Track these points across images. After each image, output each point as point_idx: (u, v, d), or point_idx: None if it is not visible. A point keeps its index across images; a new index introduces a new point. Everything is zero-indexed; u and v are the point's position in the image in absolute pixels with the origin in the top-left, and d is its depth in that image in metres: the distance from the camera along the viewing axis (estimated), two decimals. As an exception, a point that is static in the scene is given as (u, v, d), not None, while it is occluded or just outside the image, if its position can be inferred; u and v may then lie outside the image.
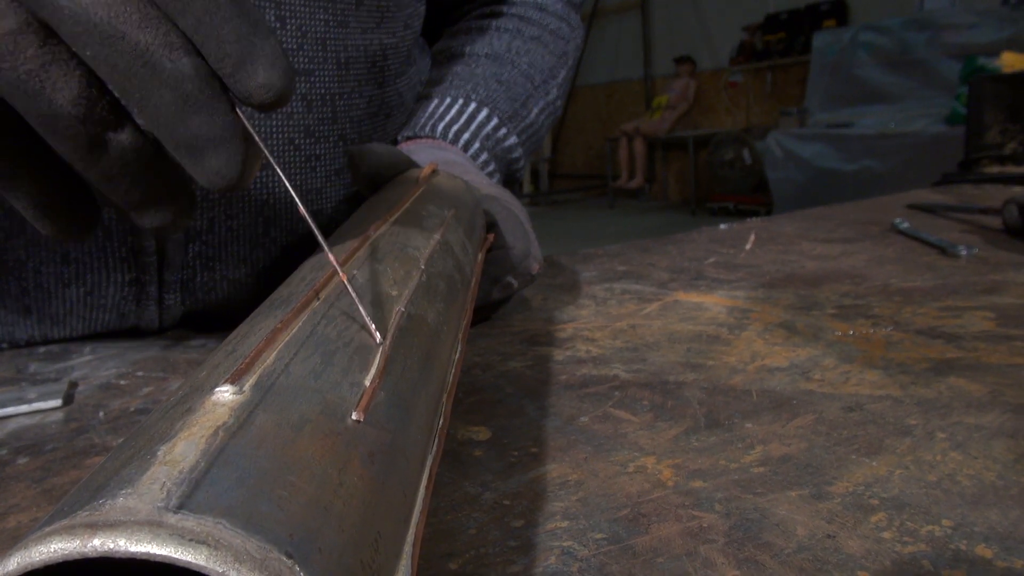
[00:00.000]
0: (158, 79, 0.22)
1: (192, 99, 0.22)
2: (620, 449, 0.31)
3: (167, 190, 0.26)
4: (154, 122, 0.23)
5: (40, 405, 0.39)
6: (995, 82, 1.14)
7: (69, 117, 0.22)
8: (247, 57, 0.23)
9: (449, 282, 0.29)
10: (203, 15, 0.22)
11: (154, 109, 0.22)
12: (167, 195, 0.26)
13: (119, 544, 0.12)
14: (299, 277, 0.24)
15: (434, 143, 0.56)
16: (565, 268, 0.64)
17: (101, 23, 0.21)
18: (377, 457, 0.16)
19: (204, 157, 0.23)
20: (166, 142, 0.23)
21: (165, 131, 0.23)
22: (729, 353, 0.41)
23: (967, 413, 0.32)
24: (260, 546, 0.12)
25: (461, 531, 0.26)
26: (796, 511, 0.25)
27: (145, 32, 0.22)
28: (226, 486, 0.13)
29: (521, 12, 0.65)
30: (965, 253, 0.60)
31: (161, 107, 0.22)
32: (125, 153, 0.24)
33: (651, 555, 0.23)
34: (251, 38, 0.23)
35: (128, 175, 0.24)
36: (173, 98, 0.22)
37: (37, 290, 0.49)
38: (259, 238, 0.53)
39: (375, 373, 0.19)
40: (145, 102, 0.22)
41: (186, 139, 0.23)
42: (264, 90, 0.23)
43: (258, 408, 0.15)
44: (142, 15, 0.22)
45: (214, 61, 0.23)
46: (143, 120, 0.23)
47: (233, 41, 0.22)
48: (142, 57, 0.22)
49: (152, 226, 0.26)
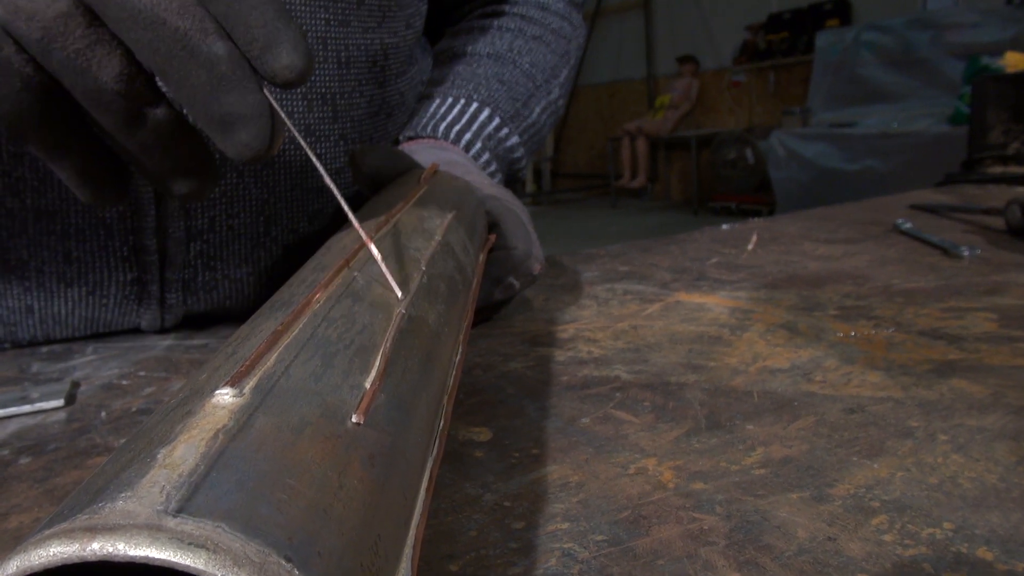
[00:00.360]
0: (195, 61, 0.24)
1: (225, 79, 0.24)
2: (621, 450, 0.31)
3: (195, 161, 0.28)
4: (190, 100, 0.25)
5: (42, 405, 0.39)
6: (998, 82, 1.14)
7: (112, 92, 0.25)
8: (272, 41, 0.25)
9: (450, 283, 0.29)
10: (232, 3, 0.24)
11: (191, 88, 0.24)
12: (195, 165, 0.28)
13: (118, 548, 0.12)
14: (300, 279, 0.24)
15: (436, 143, 0.56)
16: (567, 268, 0.64)
17: (145, 10, 0.23)
18: (377, 460, 0.16)
19: (235, 131, 0.25)
20: (199, 118, 0.25)
21: (200, 108, 0.25)
22: (731, 354, 0.41)
23: (969, 415, 0.32)
24: (259, 550, 0.12)
25: (462, 532, 0.26)
26: (797, 513, 0.25)
27: (183, 18, 0.24)
28: (225, 489, 0.13)
29: (523, 11, 0.65)
30: (968, 254, 0.60)
31: (198, 86, 0.24)
32: (159, 126, 0.27)
33: (652, 557, 0.23)
34: (275, 23, 0.25)
35: (161, 146, 0.27)
36: (208, 78, 0.24)
37: (39, 289, 0.49)
38: (260, 237, 0.53)
39: (375, 375, 0.19)
40: (183, 81, 0.24)
41: (219, 115, 0.25)
42: (288, 70, 0.25)
43: (258, 411, 0.15)
44: (181, 3, 0.24)
45: (243, 44, 0.25)
46: (179, 98, 0.25)
47: (260, 26, 0.24)
48: (181, 41, 0.24)
49: (180, 194, 0.29)
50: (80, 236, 0.48)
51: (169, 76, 0.24)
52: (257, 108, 0.25)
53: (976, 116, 1.12)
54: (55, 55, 0.24)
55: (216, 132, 0.25)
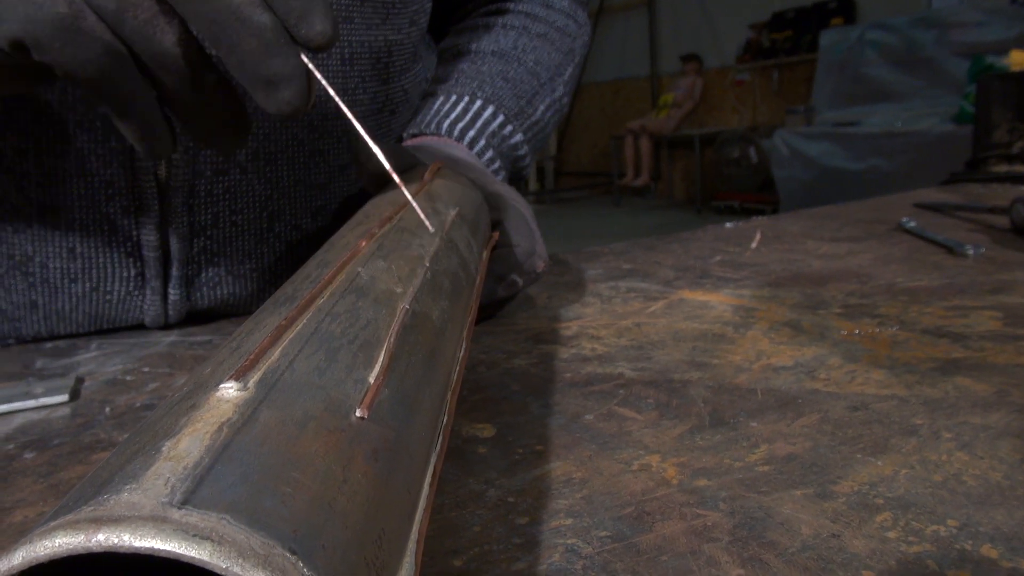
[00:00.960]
0: (246, 30, 0.28)
1: (271, 45, 0.28)
2: (625, 447, 0.31)
3: (236, 118, 0.33)
4: (239, 63, 0.28)
5: (47, 400, 0.39)
6: (1003, 81, 1.13)
7: (173, 56, 0.29)
8: (307, 11, 0.29)
9: (454, 280, 0.29)
10: None
11: (242, 53, 0.28)
12: (235, 122, 0.33)
13: (123, 539, 0.12)
14: (304, 275, 0.24)
15: (440, 140, 0.56)
16: (571, 266, 0.64)
17: None
18: (381, 454, 0.16)
19: (279, 91, 0.29)
20: (247, 79, 0.29)
21: (249, 70, 0.29)
22: (734, 352, 0.41)
23: (973, 413, 0.32)
24: (264, 542, 0.12)
25: (465, 528, 0.26)
26: (801, 510, 0.25)
27: None
28: (230, 482, 0.13)
29: (528, 9, 0.65)
30: (972, 252, 0.60)
31: (247, 52, 0.28)
32: (209, 87, 0.31)
33: (655, 553, 0.23)
34: None
35: (210, 105, 0.31)
36: (258, 44, 0.28)
37: (43, 285, 0.49)
38: (263, 233, 0.53)
39: (379, 370, 0.19)
40: (234, 47, 0.28)
41: (265, 77, 0.29)
42: (321, 36, 0.29)
43: (262, 405, 0.15)
44: None
45: (283, 15, 0.28)
46: (229, 62, 0.29)
47: None
48: (235, 13, 0.27)
49: (222, 148, 0.34)
50: (84, 232, 0.48)
51: (221, 43, 0.28)
52: (298, 69, 0.29)
53: (981, 115, 1.12)
54: (128, 23, 0.28)
55: (261, 92, 0.29)
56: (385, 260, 0.25)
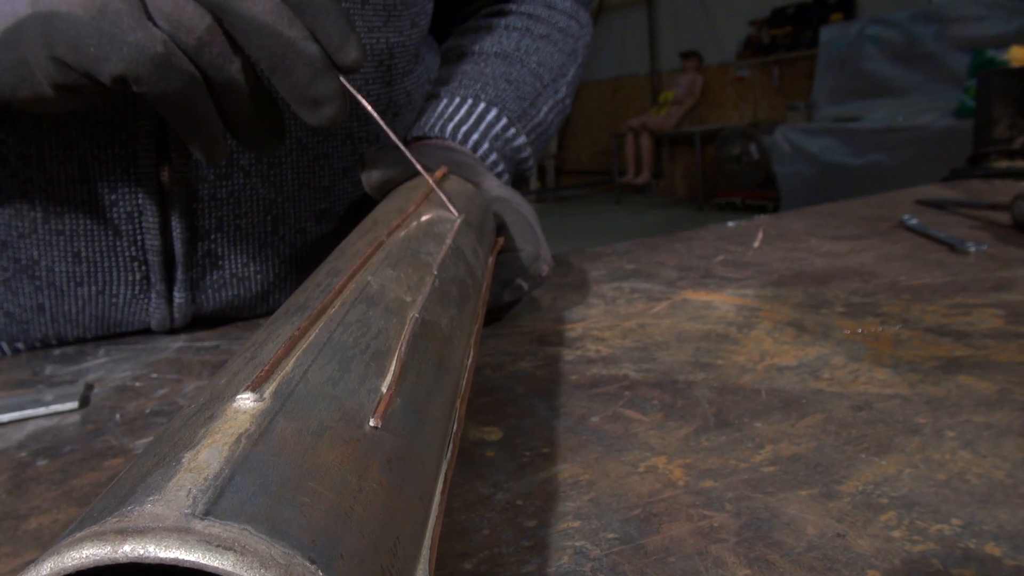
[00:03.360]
0: (300, 59, 0.33)
1: (319, 71, 0.34)
2: (631, 449, 0.31)
3: (277, 129, 0.38)
4: (292, 87, 0.34)
5: (57, 407, 0.39)
6: (1004, 76, 1.13)
7: (239, 82, 0.34)
8: (344, 41, 0.34)
9: (461, 287, 0.30)
10: (317, 14, 0.33)
11: (295, 78, 0.34)
12: (277, 132, 0.38)
13: (148, 550, 0.12)
14: (315, 283, 0.25)
15: (443, 143, 0.56)
16: (574, 267, 0.65)
17: (267, 24, 0.32)
18: (395, 463, 0.17)
19: (322, 109, 0.35)
20: (296, 100, 0.35)
21: (299, 92, 0.34)
22: (738, 352, 0.41)
23: (976, 411, 0.32)
24: (285, 552, 0.12)
25: (475, 531, 0.26)
26: (806, 510, 0.26)
27: (291, 29, 0.33)
28: (250, 493, 0.13)
29: (530, 10, 0.65)
30: (974, 250, 0.60)
31: (300, 77, 0.34)
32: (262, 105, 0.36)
33: (663, 554, 0.24)
34: (345, 28, 0.34)
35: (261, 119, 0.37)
36: (309, 71, 0.34)
37: (50, 288, 0.49)
38: (268, 237, 0.53)
39: (391, 379, 0.19)
40: (288, 73, 0.34)
41: (313, 98, 0.34)
42: (355, 63, 0.35)
43: (279, 415, 0.16)
44: (288, 17, 0.33)
45: (325, 44, 0.34)
46: (283, 87, 0.34)
47: (336, 32, 0.34)
48: (292, 46, 0.33)
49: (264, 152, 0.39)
50: (88, 236, 0.48)
51: (277, 70, 0.34)
52: (339, 91, 0.35)
53: (981, 111, 1.12)
54: (204, 56, 0.33)
55: (307, 110, 0.35)
56: (394, 268, 0.26)
